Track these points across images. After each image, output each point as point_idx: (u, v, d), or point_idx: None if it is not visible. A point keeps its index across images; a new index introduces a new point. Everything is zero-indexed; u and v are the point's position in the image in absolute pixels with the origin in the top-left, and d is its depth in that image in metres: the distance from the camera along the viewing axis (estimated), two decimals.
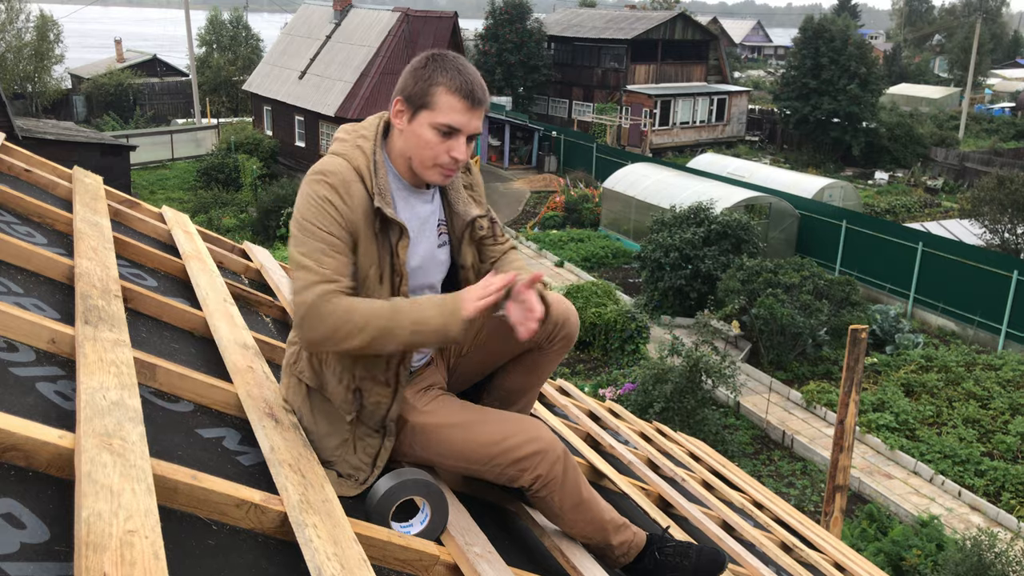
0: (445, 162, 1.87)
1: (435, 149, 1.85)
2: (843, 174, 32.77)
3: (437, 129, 1.84)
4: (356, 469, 1.91)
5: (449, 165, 1.87)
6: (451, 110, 1.83)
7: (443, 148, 1.85)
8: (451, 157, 1.86)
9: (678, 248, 16.44)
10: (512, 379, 2.18)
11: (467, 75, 1.84)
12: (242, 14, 46.05)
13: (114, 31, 56.99)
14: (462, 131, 1.85)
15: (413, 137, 1.87)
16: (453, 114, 1.83)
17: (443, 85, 1.83)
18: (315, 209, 1.80)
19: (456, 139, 1.85)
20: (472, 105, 1.84)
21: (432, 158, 1.86)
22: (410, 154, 1.89)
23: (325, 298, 1.75)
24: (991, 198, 20.32)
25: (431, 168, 1.88)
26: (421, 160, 1.88)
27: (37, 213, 2.46)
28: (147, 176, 29.35)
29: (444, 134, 1.84)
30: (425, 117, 1.84)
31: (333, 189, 1.81)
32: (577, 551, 2.05)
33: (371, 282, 1.87)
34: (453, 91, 1.82)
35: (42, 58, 37.89)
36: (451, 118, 1.83)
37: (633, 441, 3.61)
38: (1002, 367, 14.22)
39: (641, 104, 36.10)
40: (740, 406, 13.55)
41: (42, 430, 1.36)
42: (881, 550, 9.09)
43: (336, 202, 1.80)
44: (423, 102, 1.84)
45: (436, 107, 1.83)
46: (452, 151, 1.85)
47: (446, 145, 1.85)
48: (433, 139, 1.84)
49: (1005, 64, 66.43)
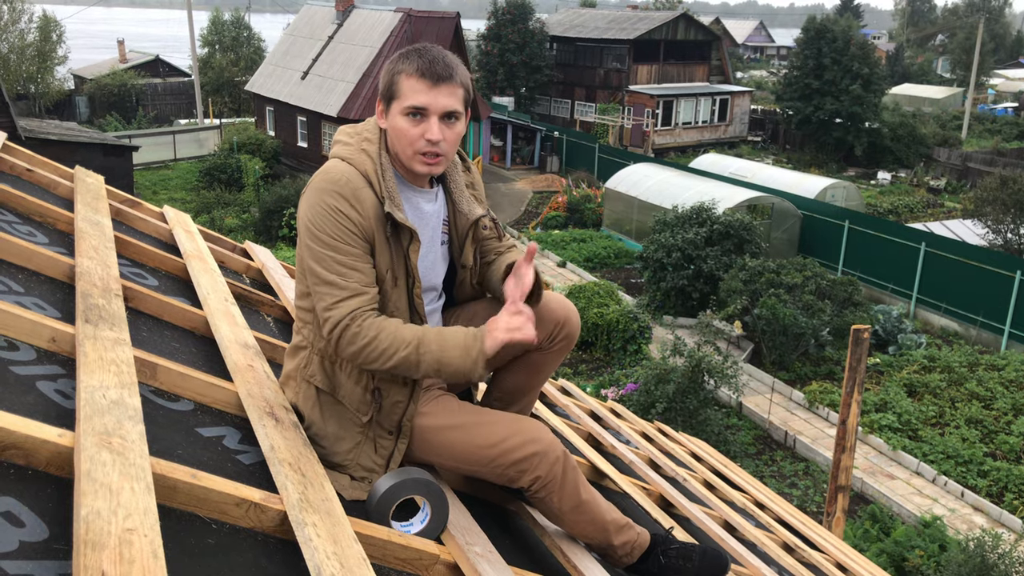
0: (421, 147, 1.87)
1: (410, 135, 1.86)
2: (846, 174, 32.74)
3: (407, 115, 1.85)
4: (369, 471, 1.91)
5: (426, 149, 1.87)
6: (413, 92, 1.84)
7: (417, 132, 1.86)
8: (426, 140, 1.86)
9: (680, 248, 16.44)
10: (513, 379, 2.18)
11: (427, 55, 1.86)
12: (244, 15, 46.09)
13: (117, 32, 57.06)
14: (429, 110, 1.85)
15: (393, 131, 1.89)
16: (415, 95, 1.84)
17: (403, 72, 1.86)
18: (329, 221, 1.80)
19: (427, 121, 1.86)
20: (433, 82, 1.84)
21: (410, 144, 1.87)
22: (396, 149, 1.91)
23: (356, 317, 1.79)
24: (994, 198, 20.30)
25: (413, 157, 1.89)
26: (403, 152, 1.89)
27: (39, 212, 2.46)
28: (150, 176, 29.39)
29: (413, 116, 1.85)
30: (395, 107, 1.87)
31: (343, 199, 1.81)
32: (578, 551, 2.05)
33: (386, 285, 1.88)
34: (411, 73, 1.85)
35: (45, 59, 37.94)
36: (414, 99, 1.84)
37: (635, 441, 3.61)
38: (1005, 367, 14.20)
39: (643, 104, 36.08)
40: (742, 406, 13.53)
41: (42, 428, 1.36)
42: (884, 551, 9.08)
43: (348, 211, 1.81)
44: (391, 93, 1.88)
45: (401, 94, 1.86)
46: (426, 134, 1.86)
47: (419, 129, 1.86)
48: (406, 126, 1.86)
49: (1008, 64, 66.33)
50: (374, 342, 1.78)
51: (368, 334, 1.78)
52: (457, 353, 1.79)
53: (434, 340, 1.80)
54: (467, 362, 1.79)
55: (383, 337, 1.78)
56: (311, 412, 1.94)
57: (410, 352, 1.78)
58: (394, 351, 1.78)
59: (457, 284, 2.14)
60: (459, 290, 2.16)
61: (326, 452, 1.91)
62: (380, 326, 1.79)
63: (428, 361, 1.79)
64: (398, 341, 1.79)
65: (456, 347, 1.80)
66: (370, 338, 1.78)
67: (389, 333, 1.79)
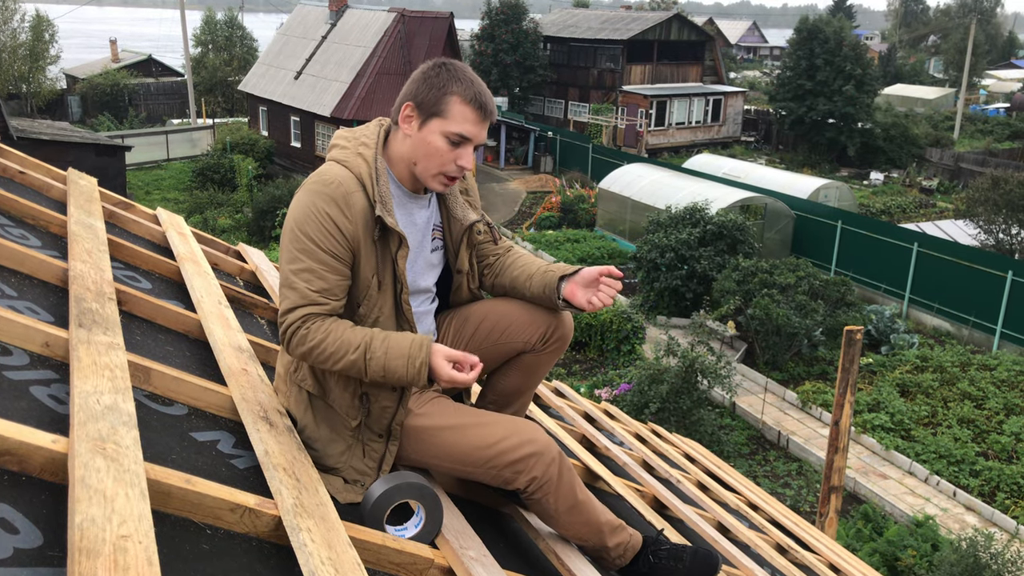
0: (451, 171, 1.89)
1: (443, 157, 1.87)
2: (838, 174, 32.82)
3: (448, 138, 1.85)
4: (362, 474, 1.91)
5: (454, 173, 1.89)
6: (464, 120, 1.85)
7: (451, 156, 1.87)
8: (458, 166, 1.88)
9: (674, 248, 16.46)
10: (507, 381, 2.19)
11: (479, 87, 1.87)
12: (237, 14, 45.98)
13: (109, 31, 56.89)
14: (472, 141, 1.87)
15: (423, 145, 1.87)
16: (466, 124, 1.85)
17: (458, 95, 1.84)
18: (315, 224, 1.80)
19: (464, 148, 1.87)
20: (484, 117, 1.87)
21: (439, 166, 1.88)
22: (416, 160, 1.90)
23: (305, 321, 1.80)
24: (986, 198, 20.37)
25: (435, 176, 1.90)
26: (426, 167, 1.89)
27: (31, 215, 2.45)
28: (142, 176, 29.30)
29: (454, 143, 1.86)
30: (437, 125, 1.86)
31: (334, 202, 1.81)
32: (572, 554, 2.05)
33: (372, 290, 1.88)
34: (467, 101, 1.84)
35: (37, 58, 37.80)
36: (464, 128, 1.85)
37: (628, 443, 3.61)
38: (997, 367, 14.26)
39: (637, 104, 36.12)
40: (736, 407, 13.56)
41: (35, 434, 1.36)
42: (876, 550, 9.11)
43: (336, 216, 1.80)
44: (436, 110, 1.86)
45: (449, 116, 1.85)
46: (459, 159, 1.87)
47: (454, 154, 1.87)
48: (443, 147, 1.86)
49: (1000, 65, 66.58)
50: (321, 345, 1.79)
51: (315, 337, 1.79)
52: (400, 362, 1.79)
53: (380, 347, 1.80)
54: (411, 371, 1.78)
55: (330, 340, 1.79)
56: (303, 415, 1.95)
57: (357, 357, 1.79)
58: (342, 355, 1.79)
59: (454, 289, 2.15)
60: (456, 295, 2.16)
61: (319, 455, 1.91)
62: (328, 329, 1.80)
63: (374, 367, 1.79)
64: (345, 345, 1.79)
65: (400, 356, 1.79)
66: (317, 341, 1.79)
67: (336, 337, 1.79)
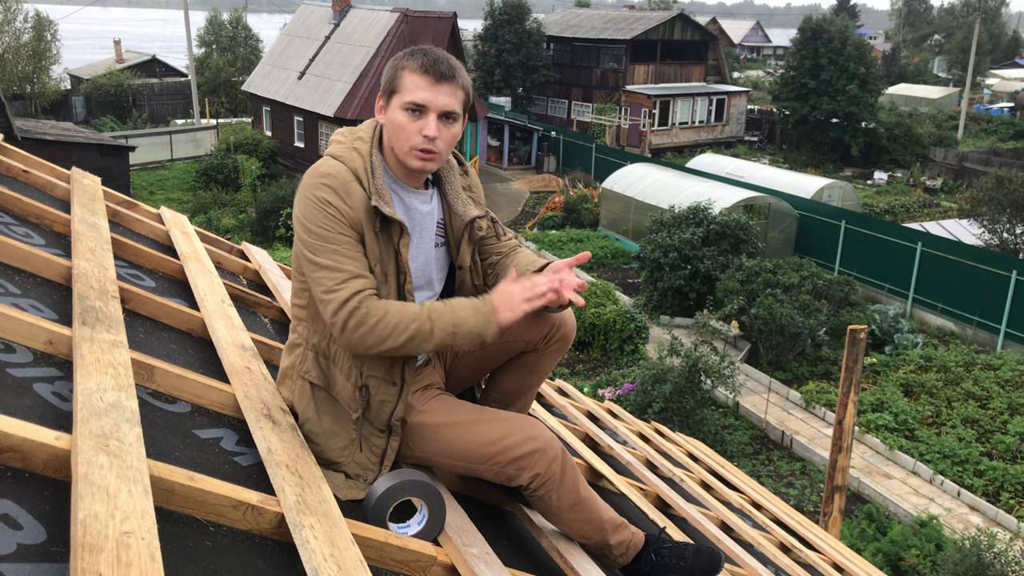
0: (417, 142, 1.89)
1: (408, 130, 1.88)
2: (842, 174, 32.79)
3: (406, 109, 1.88)
4: (364, 469, 1.91)
5: (423, 145, 1.89)
6: (415, 87, 1.87)
7: (415, 128, 1.88)
8: (423, 136, 1.88)
9: (677, 248, 16.45)
10: (510, 380, 2.19)
11: (431, 55, 1.89)
12: (241, 15, 46.02)
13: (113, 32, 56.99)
14: (428, 107, 1.87)
15: (391, 125, 1.91)
16: (417, 91, 1.87)
17: (407, 67, 1.89)
18: (319, 213, 1.82)
19: (426, 117, 1.88)
20: (435, 79, 1.87)
21: (407, 140, 1.89)
22: (392, 144, 1.93)
23: (360, 297, 1.79)
24: (990, 198, 20.33)
25: (409, 153, 1.91)
26: (400, 146, 1.91)
27: (35, 214, 2.46)
28: (146, 177, 29.34)
29: (413, 112, 1.88)
30: (395, 101, 1.90)
31: (332, 191, 1.83)
32: (575, 551, 2.05)
33: (376, 281, 1.88)
34: (415, 69, 1.88)
35: (40, 58, 37.86)
36: (415, 95, 1.87)
37: (631, 441, 3.61)
38: (1001, 367, 14.22)
39: (640, 104, 36.10)
40: (739, 406, 13.55)
41: (39, 431, 1.36)
42: (880, 550, 9.09)
43: (337, 203, 1.82)
44: (393, 87, 1.91)
45: (403, 88, 1.89)
46: (423, 130, 1.88)
47: (417, 124, 1.88)
48: (405, 120, 1.88)
49: (1004, 64, 66.48)
50: (384, 319, 1.78)
51: (376, 314, 1.78)
52: (469, 312, 1.81)
53: (442, 306, 1.82)
54: (480, 320, 1.81)
55: (392, 313, 1.79)
56: (306, 409, 1.95)
57: (422, 322, 1.79)
58: (406, 325, 1.78)
59: (457, 285, 2.15)
60: (459, 291, 2.16)
61: (321, 449, 1.91)
62: (386, 305, 1.80)
63: (441, 325, 1.80)
64: (408, 315, 1.79)
65: (466, 308, 1.82)
66: (379, 316, 1.78)
67: (397, 309, 1.80)
